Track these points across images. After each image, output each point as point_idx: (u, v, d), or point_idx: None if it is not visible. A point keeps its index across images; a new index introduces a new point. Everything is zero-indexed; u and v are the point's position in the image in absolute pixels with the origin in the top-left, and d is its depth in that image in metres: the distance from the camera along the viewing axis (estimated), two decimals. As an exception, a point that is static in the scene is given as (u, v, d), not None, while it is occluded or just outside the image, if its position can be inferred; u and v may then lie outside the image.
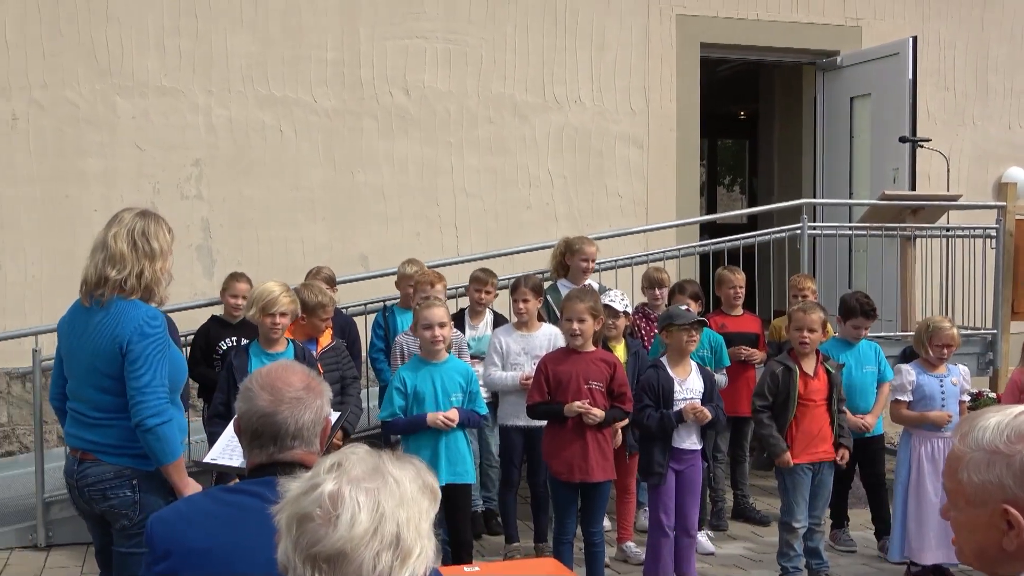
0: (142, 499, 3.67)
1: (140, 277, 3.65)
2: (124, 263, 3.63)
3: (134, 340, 3.59)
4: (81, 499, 3.74)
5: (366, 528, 1.51)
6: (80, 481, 3.70)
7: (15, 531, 6.49)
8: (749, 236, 8.28)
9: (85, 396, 3.72)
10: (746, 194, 18.35)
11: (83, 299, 3.72)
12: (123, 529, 3.69)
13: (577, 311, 5.23)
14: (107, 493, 3.66)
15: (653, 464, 5.44)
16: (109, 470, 3.66)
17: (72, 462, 3.77)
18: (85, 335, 3.69)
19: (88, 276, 3.69)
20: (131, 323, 3.62)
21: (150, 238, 3.68)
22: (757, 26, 9.58)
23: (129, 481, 3.66)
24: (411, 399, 5.17)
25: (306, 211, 8.56)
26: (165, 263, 3.75)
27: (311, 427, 2.26)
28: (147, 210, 3.81)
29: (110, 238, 3.67)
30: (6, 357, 7.69)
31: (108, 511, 3.69)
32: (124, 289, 3.64)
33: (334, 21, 8.57)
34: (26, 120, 8.00)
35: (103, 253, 3.66)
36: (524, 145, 9.05)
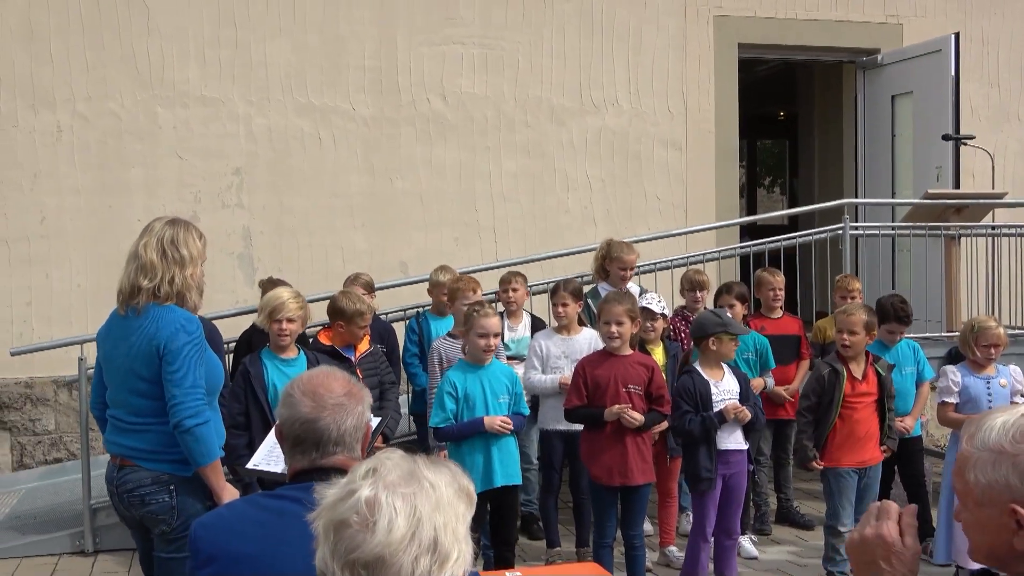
0: (180, 504, 3.71)
1: (172, 283, 3.71)
2: (155, 271, 3.70)
3: (171, 342, 3.64)
4: (121, 505, 3.80)
5: (403, 533, 1.51)
6: (120, 487, 3.75)
7: (64, 537, 6.57)
8: (790, 237, 8.20)
9: (123, 401, 3.78)
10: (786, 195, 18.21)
11: (119, 308, 3.79)
12: (162, 534, 3.73)
13: (615, 314, 5.21)
14: (146, 499, 3.71)
15: (700, 470, 5.39)
16: (147, 476, 3.71)
17: (112, 468, 3.83)
18: (122, 341, 3.75)
19: (122, 286, 3.76)
20: (168, 326, 3.67)
21: (179, 246, 3.74)
22: (796, 25, 9.51)
23: (167, 487, 3.71)
24: (461, 403, 5.18)
25: (345, 218, 8.62)
26: (196, 269, 3.80)
27: (353, 433, 2.28)
28: (177, 218, 3.88)
29: (141, 248, 3.74)
30: (53, 365, 7.82)
31: (147, 516, 3.74)
32: (158, 296, 3.71)
33: (371, 29, 8.62)
34: (70, 132, 8.13)
35: (135, 263, 3.74)
36: (561, 149, 9.05)
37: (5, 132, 8.01)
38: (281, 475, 4.11)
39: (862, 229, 8.22)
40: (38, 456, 8.15)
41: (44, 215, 8.09)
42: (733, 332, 5.42)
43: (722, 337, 5.42)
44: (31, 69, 8.03)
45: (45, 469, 8.05)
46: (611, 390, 5.24)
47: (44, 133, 8.08)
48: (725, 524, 5.52)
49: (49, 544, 6.54)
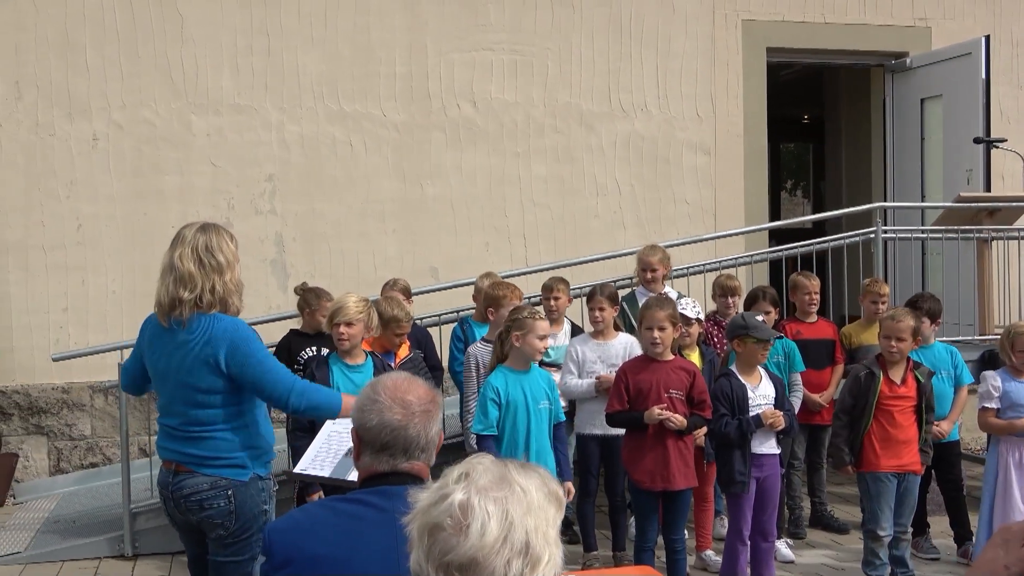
0: (238, 508, 3.74)
1: (213, 292, 3.69)
2: (195, 282, 3.66)
3: (237, 347, 3.66)
4: (177, 510, 3.81)
5: (496, 536, 1.54)
6: (176, 492, 3.77)
7: (103, 541, 6.63)
8: (822, 241, 8.21)
9: (178, 412, 3.78)
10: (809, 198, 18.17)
11: (161, 320, 3.75)
12: (219, 538, 3.76)
13: (657, 319, 5.23)
14: (204, 504, 3.73)
15: (734, 473, 5.41)
16: (205, 481, 3.73)
17: (166, 474, 3.84)
18: (173, 356, 3.74)
19: (161, 299, 3.72)
20: (222, 336, 3.67)
21: (215, 252, 3.71)
22: (824, 29, 9.51)
23: (225, 492, 3.73)
24: (503, 408, 5.19)
25: (377, 224, 8.67)
26: (234, 273, 3.77)
27: (434, 439, 2.33)
28: (206, 223, 3.83)
29: (176, 259, 3.69)
30: (89, 371, 7.90)
31: (204, 521, 3.76)
32: (201, 306, 3.68)
33: (402, 37, 8.67)
34: (106, 140, 8.21)
35: (172, 275, 3.69)
36: (591, 154, 9.08)
37: (42, 141, 8.11)
38: (329, 479, 4.18)
39: (894, 233, 8.20)
40: (74, 461, 8.24)
41: (80, 222, 8.17)
42: (755, 336, 5.42)
43: (746, 340, 5.44)
44: (67, 78, 8.12)
45: (82, 473, 8.14)
46: (653, 395, 5.25)
47: (80, 141, 8.17)
48: (761, 527, 5.54)
49: (89, 548, 6.59)
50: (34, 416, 8.15)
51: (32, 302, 8.10)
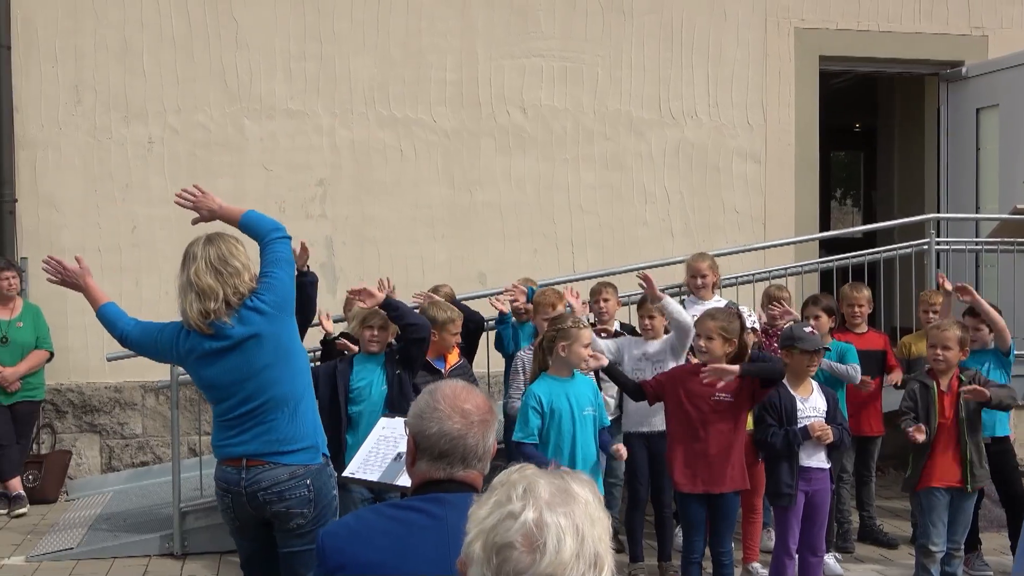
0: (317, 496, 3.82)
1: (237, 294, 3.79)
2: (215, 292, 3.75)
3: (255, 292, 3.83)
4: (250, 505, 3.83)
5: (572, 551, 1.54)
6: (251, 487, 3.80)
7: (154, 539, 6.72)
8: (874, 252, 8.12)
9: (245, 410, 3.84)
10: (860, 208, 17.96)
11: (202, 330, 3.79)
12: (295, 528, 3.82)
13: (706, 328, 5.22)
14: (284, 494, 3.79)
15: (781, 486, 5.38)
16: (284, 472, 3.79)
17: (234, 472, 3.85)
18: (235, 359, 3.80)
19: (191, 315, 3.78)
20: (258, 303, 3.80)
21: (228, 259, 3.80)
22: (878, 37, 9.41)
23: (304, 480, 3.80)
24: (547, 417, 5.19)
25: (426, 229, 8.72)
26: (252, 272, 3.88)
27: (491, 448, 2.34)
28: (211, 234, 3.91)
29: (192, 276, 3.78)
30: (141, 371, 8.01)
31: (282, 513, 3.81)
32: (232, 304, 3.78)
33: (453, 43, 8.72)
34: (161, 144, 8.34)
35: (192, 292, 3.78)
36: (640, 161, 9.06)
37: (100, 144, 8.26)
38: (378, 483, 4.21)
39: (947, 245, 8.09)
40: (125, 459, 8.36)
41: (135, 224, 8.31)
42: (800, 347, 5.39)
43: (792, 351, 5.41)
44: (125, 83, 8.26)
45: (132, 472, 8.27)
46: (698, 398, 5.23)
47: (136, 145, 8.30)
48: (810, 541, 5.48)
49: (140, 545, 6.70)
50: (87, 414, 8.29)
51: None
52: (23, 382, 7.65)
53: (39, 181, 8.19)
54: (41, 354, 7.77)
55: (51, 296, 8.10)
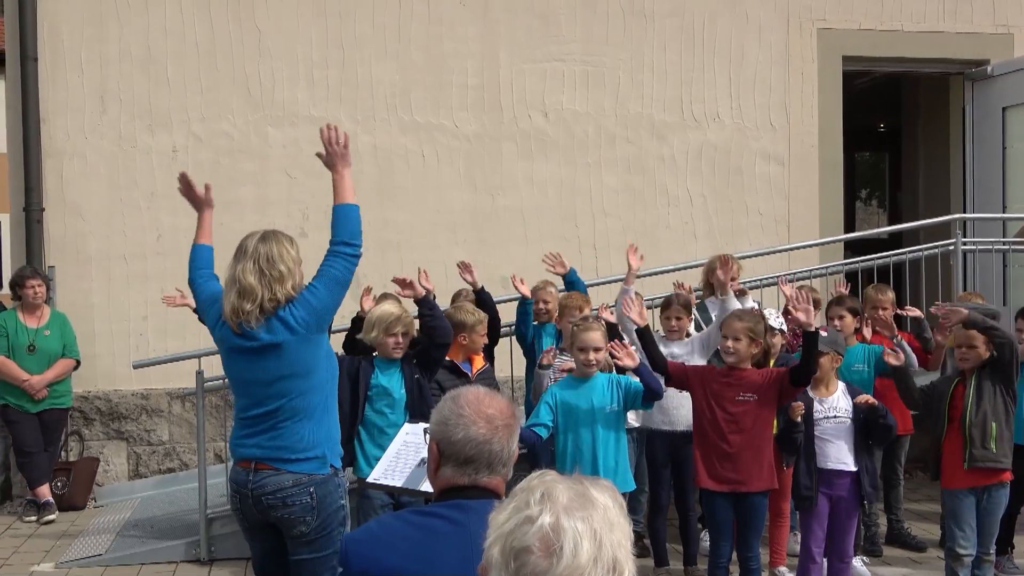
0: (320, 504, 3.82)
1: (273, 300, 3.81)
2: (255, 293, 3.79)
3: (294, 303, 3.81)
4: (256, 508, 3.87)
5: (590, 556, 1.54)
6: (257, 490, 3.84)
7: (180, 545, 6.76)
8: (899, 253, 8.07)
9: (258, 412, 3.88)
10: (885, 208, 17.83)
11: (233, 328, 3.85)
12: (300, 536, 3.83)
13: (733, 329, 5.21)
14: (287, 500, 3.81)
15: (800, 488, 5.38)
16: (288, 478, 3.81)
17: (243, 473, 3.90)
18: (255, 360, 3.84)
19: (227, 311, 3.85)
20: (290, 316, 3.79)
21: (275, 262, 3.83)
22: (902, 37, 9.34)
23: (307, 489, 3.81)
24: (562, 413, 5.20)
25: (447, 234, 8.73)
26: (296, 280, 3.88)
27: (515, 453, 2.34)
28: (267, 231, 3.97)
29: (239, 273, 3.84)
30: (167, 378, 8.08)
31: (285, 519, 3.83)
32: (266, 310, 3.80)
33: (474, 48, 8.73)
34: (185, 152, 8.40)
35: (235, 288, 3.83)
36: (662, 164, 9.04)
37: (124, 152, 8.33)
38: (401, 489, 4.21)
39: (974, 245, 8.02)
40: (152, 465, 8.42)
41: (160, 232, 8.37)
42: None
43: None
44: (149, 92, 8.33)
45: (159, 478, 8.32)
46: (724, 398, 5.22)
47: (160, 153, 8.37)
48: (837, 546, 5.46)
49: (166, 552, 6.73)
50: (115, 421, 8.35)
51: (113, 311, 8.32)
52: (50, 390, 7.72)
53: (65, 190, 8.26)
54: (68, 362, 7.84)
55: (78, 304, 8.20)
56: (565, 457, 5.26)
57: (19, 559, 6.72)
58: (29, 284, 7.72)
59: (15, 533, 7.32)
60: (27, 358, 7.65)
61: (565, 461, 5.25)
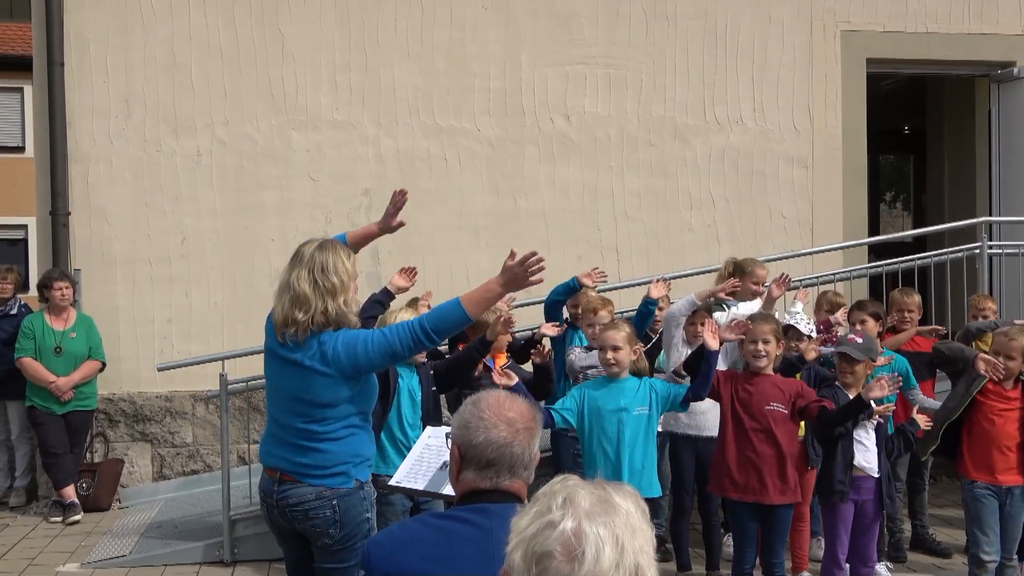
0: (343, 518, 3.81)
1: (326, 313, 3.76)
2: (309, 303, 3.75)
3: (347, 340, 3.72)
4: (281, 518, 3.88)
5: (611, 561, 1.54)
6: (281, 501, 3.84)
7: (203, 546, 6.80)
8: (924, 257, 8.01)
9: (288, 423, 3.87)
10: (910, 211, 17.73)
11: (276, 335, 3.84)
12: (325, 547, 3.83)
13: (762, 332, 5.20)
14: (309, 513, 3.80)
15: (834, 483, 5.32)
16: (310, 492, 3.79)
17: (270, 482, 3.90)
18: (287, 371, 3.83)
19: (277, 317, 3.82)
20: (332, 343, 3.73)
21: (330, 273, 3.78)
22: (927, 39, 9.28)
23: (329, 502, 3.79)
24: (589, 412, 5.19)
25: (470, 237, 8.74)
26: (348, 294, 3.84)
27: (536, 456, 2.34)
28: (325, 241, 3.92)
29: (293, 280, 3.79)
30: (191, 380, 8.13)
31: (309, 530, 3.83)
32: (313, 326, 3.77)
33: (497, 51, 8.74)
34: (209, 156, 8.45)
35: (288, 294, 3.79)
36: (685, 167, 9.01)
37: (149, 157, 8.39)
38: (423, 492, 4.21)
39: (1000, 248, 7.96)
40: (176, 467, 8.47)
41: (184, 236, 8.42)
42: (850, 355, 5.33)
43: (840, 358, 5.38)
44: (174, 97, 8.39)
45: (183, 480, 8.36)
46: (755, 408, 5.20)
47: (185, 157, 8.42)
48: (860, 552, 5.41)
49: (190, 553, 6.77)
50: (139, 423, 8.41)
51: (138, 313, 8.37)
52: (76, 392, 7.79)
53: (91, 194, 8.33)
54: (94, 364, 7.90)
55: (103, 307, 8.27)
56: (591, 459, 5.24)
57: (45, 559, 6.78)
58: (56, 286, 7.79)
59: (41, 533, 7.39)
60: (53, 360, 7.72)
61: (591, 463, 5.22)
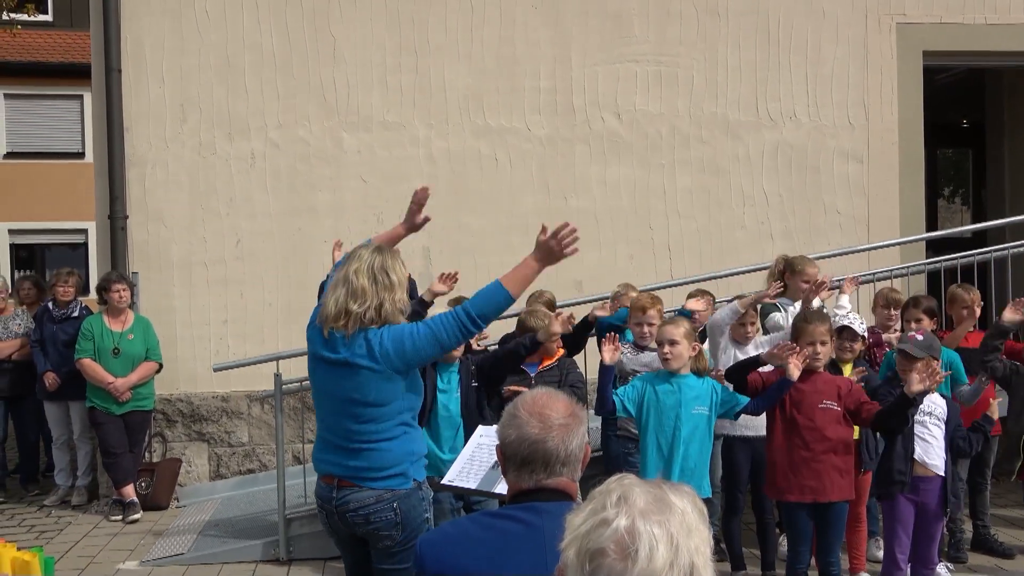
0: (404, 519, 3.80)
1: (380, 309, 3.77)
2: (365, 297, 3.76)
3: (394, 334, 3.73)
4: (342, 523, 3.87)
5: (665, 560, 1.52)
6: (340, 507, 3.83)
7: (259, 545, 6.87)
8: (984, 252, 7.84)
9: (341, 427, 3.86)
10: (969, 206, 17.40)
11: (324, 329, 3.84)
12: (386, 548, 3.83)
13: (820, 334, 5.16)
14: (370, 518, 3.79)
15: (893, 473, 5.23)
16: (370, 495, 3.79)
17: (327, 488, 3.89)
18: (336, 373, 3.82)
19: (329, 309, 3.82)
20: (378, 338, 3.75)
21: (388, 271, 3.80)
22: (985, 30, 9.10)
23: (390, 504, 3.79)
24: (648, 404, 5.16)
25: (521, 237, 8.70)
26: (403, 294, 3.86)
27: (577, 453, 2.31)
28: (380, 245, 3.95)
29: (351, 274, 3.80)
30: (247, 380, 8.23)
31: (371, 533, 3.83)
32: (364, 321, 3.78)
33: (547, 51, 8.73)
34: (263, 159, 8.55)
35: (345, 287, 3.80)
36: (738, 164, 8.93)
37: (205, 160, 8.50)
38: (476, 491, 4.22)
39: (1062, 242, 7.77)
40: (232, 467, 8.57)
41: (239, 238, 8.52)
42: (909, 352, 5.25)
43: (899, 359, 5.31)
44: (228, 100, 8.49)
45: (239, 479, 8.47)
46: (806, 406, 5.14)
47: (239, 160, 8.52)
48: (921, 554, 5.33)
49: (246, 551, 6.85)
50: (196, 423, 8.53)
51: (194, 315, 8.49)
52: (134, 392, 7.91)
53: (148, 197, 8.46)
54: (151, 365, 8.02)
55: (160, 309, 8.40)
56: (644, 451, 5.19)
57: (105, 557, 6.90)
58: (115, 289, 7.92)
59: (102, 532, 7.52)
60: (112, 361, 7.86)
61: (644, 455, 5.18)
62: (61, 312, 8.35)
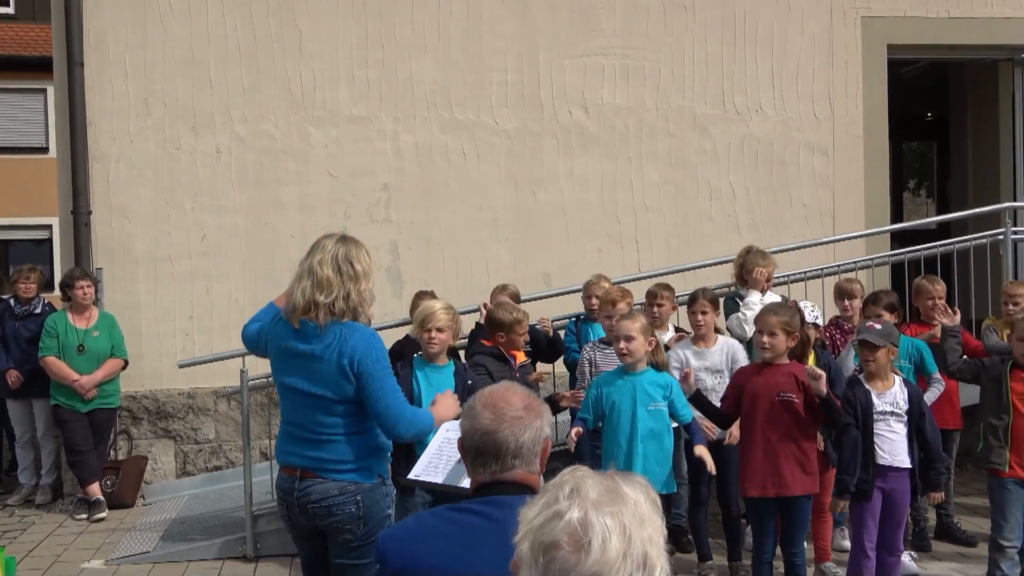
0: (366, 513, 3.79)
1: (347, 299, 3.76)
2: (331, 287, 3.74)
3: (364, 362, 3.72)
4: (302, 515, 3.85)
5: (618, 551, 1.52)
6: (302, 498, 3.81)
7: (225, 542, 6.83)
8: (947, 243, 7.93)
9: (305, 419, 3.84)
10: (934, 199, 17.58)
11: (292, 321, 3.82)
12: (345, 543, 3.81)
13: (768, 324, 5.16)
14: (332, 509, 3.78)
15: (855, 482, 5.28)
16: (333, 487, 3.78)
17: (289, 480, 3.87)
18: (304, 367, 3.80)
19: (296, 301, 3.79)
20: (360, 344, 3.73)
21: (353, 261, 3.80)
22: (948, 24, 9.18)
23: (353, 497, 3.78)
24: (605, 405, 5.19)
25: (490, 231, 8.73)
26: (368, 283, 3.85)
27: (531, 446, 2.31)
28: (345, 235, 3.94)
29: (316, 264, 3.78)
30: (213, 377, 8.17)
31: (331, 526, 3.81)
32: (334, 312, 3.75)
33: (514, 44, 8.72)
34: (228, 153, 8.48)
35: (310, 279, 3.77)
36: (705, 157, 8.97)
37: (169, 154, 8.42)
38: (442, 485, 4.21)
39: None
40: (199, 464, 8.52)
41: (204, 233, 8.46)
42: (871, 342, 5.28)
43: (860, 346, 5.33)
44: (193, 94, 8.42)
45: (206, 476, 8.41)
46: (763, 398, 5.17)
47: (204, 155, 8.45)
48: (887, 541, 5.37)
49: (213, 549, 6.81)
50: (162, 420, 8.46)
51: (160, 311, 8.42)
52: (99, 390, 7.84)
53: (112, 193, 8.38)
54: (116, 362, 7.95)
55: (125, 305, 8.32)
56: (606, 450, 5.24)
57: (70, 556, 6.83)
58: (78, 285, 7.83)
59: (66, 531, 7.45)
60: (77, 358, 7.78)
61: (606, 454, 5.23)
62: (23, 309, 8.25)
